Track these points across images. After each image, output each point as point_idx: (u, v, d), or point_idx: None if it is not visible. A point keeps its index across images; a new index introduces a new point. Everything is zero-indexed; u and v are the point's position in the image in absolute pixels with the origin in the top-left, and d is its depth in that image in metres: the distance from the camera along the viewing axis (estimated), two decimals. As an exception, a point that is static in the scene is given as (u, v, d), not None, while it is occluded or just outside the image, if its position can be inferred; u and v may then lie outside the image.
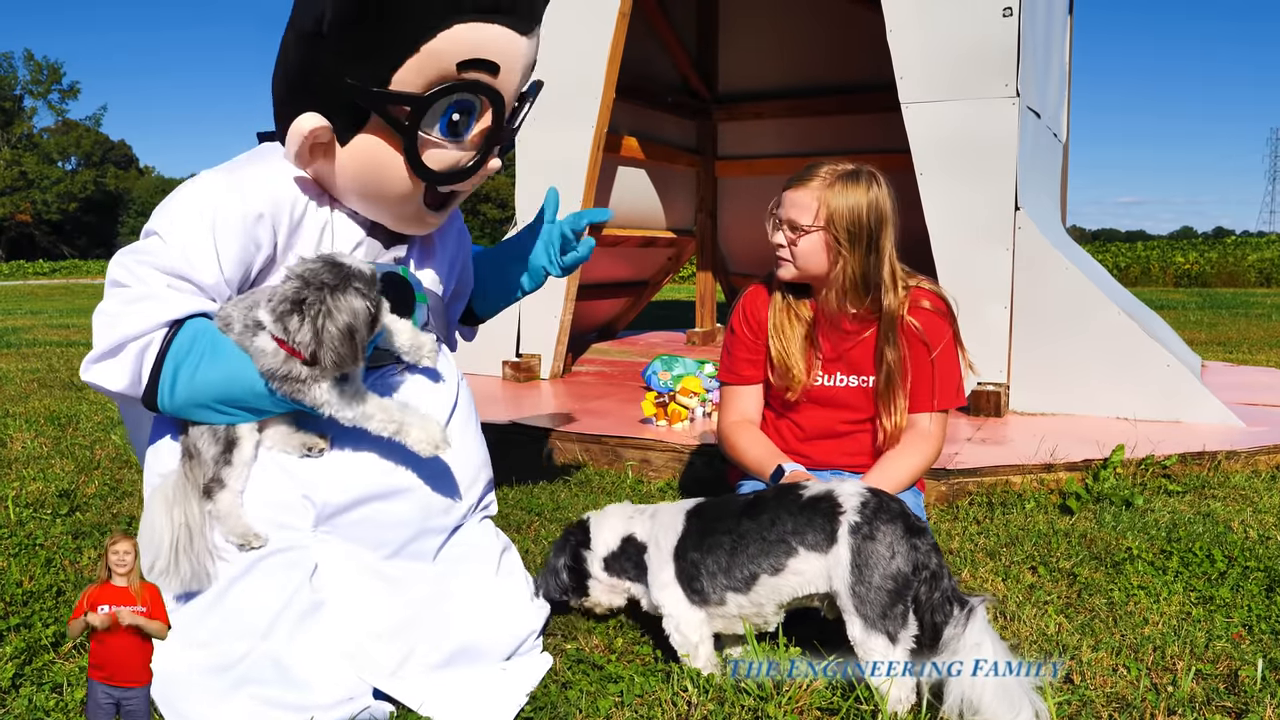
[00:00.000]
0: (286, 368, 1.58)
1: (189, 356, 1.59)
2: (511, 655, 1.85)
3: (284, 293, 1.57)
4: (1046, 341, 4.08)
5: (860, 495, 1.75)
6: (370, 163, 1.71)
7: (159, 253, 1.61)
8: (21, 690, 1.83)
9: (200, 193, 1.66)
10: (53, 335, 9.55)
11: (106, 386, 1.60)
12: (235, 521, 1.65)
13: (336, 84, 1.64)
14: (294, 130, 1.66)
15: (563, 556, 2.06)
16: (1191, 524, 2.77)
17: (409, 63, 1.62)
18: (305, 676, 1.64)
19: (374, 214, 1.81)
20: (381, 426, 1.64)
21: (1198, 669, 1.85)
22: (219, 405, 1.63)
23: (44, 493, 3.22)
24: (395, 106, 1.64)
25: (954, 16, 4.04)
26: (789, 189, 2.24)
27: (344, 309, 1.54)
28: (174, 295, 1.60)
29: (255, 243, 1.67)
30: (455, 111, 1.68)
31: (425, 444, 1.65)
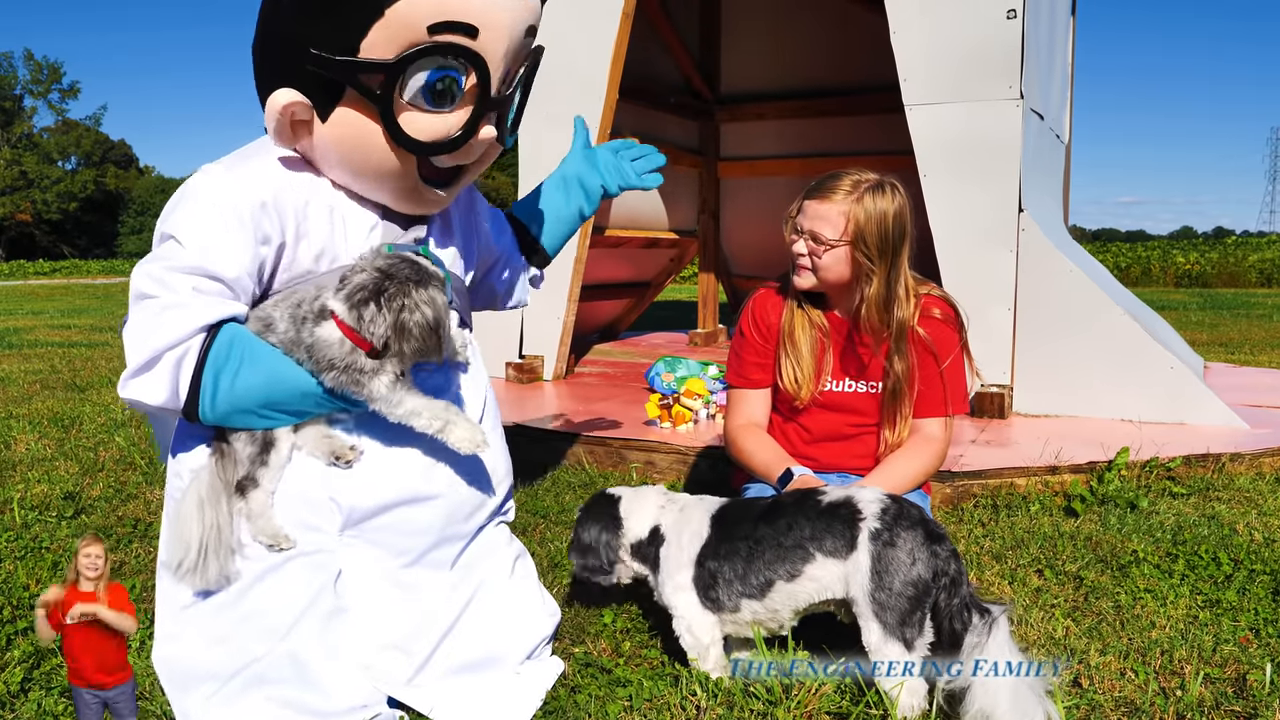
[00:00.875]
0: (351, 358, 1.56)
1: (228, 363, 1.56)
2: (524, 661, 1.85)
3: (361, 282, 1.56)
4: (1050, 343, 4.08)
5: (880, 501, 1.74)
6: (352, 137, 1.63)
7: (178, 255, 1.57)
8: (30, 695, 1.83)
9: (206, 187, 1.62)
10: (54, 336, 9.54)
11: (146, 401, 1.56)
12: (266, 522, 1.64)
13: (303, 55, 1.57)
14: (269, 108, 1.60)
15: (602, 538, 2.00)
16: (1197, 527, 2.77)
17: (376, 28, 1.54)
18: (322, 680, 1.64)
19: (371, 193, 1.73)
20: (427, 424, 1.62)
21: (1206, 673, 1.85)
22: (262, 410, 1.61)
23: (49, 495, 3.22)
24: (367, 76, 1.56)
25: (957, 18, 4.04)
26: (812, 199, 2.20)
27: (428, 302, 1.54)
28: (202, 300, 1.57)
29: (263, 232, 1.63)
30: (437, 79, 1.59)
31: (467, 443, 1.63)
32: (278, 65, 1.64)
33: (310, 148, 1.68)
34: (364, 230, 1.75)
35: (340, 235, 1.72)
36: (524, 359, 5.18)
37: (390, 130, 1.60)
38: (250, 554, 1.66)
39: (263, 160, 1.68)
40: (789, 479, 2.18)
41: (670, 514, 1.98)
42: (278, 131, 1.64)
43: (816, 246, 2.19)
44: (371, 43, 1.55)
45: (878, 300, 2.18)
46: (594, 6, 4.82)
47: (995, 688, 1.55)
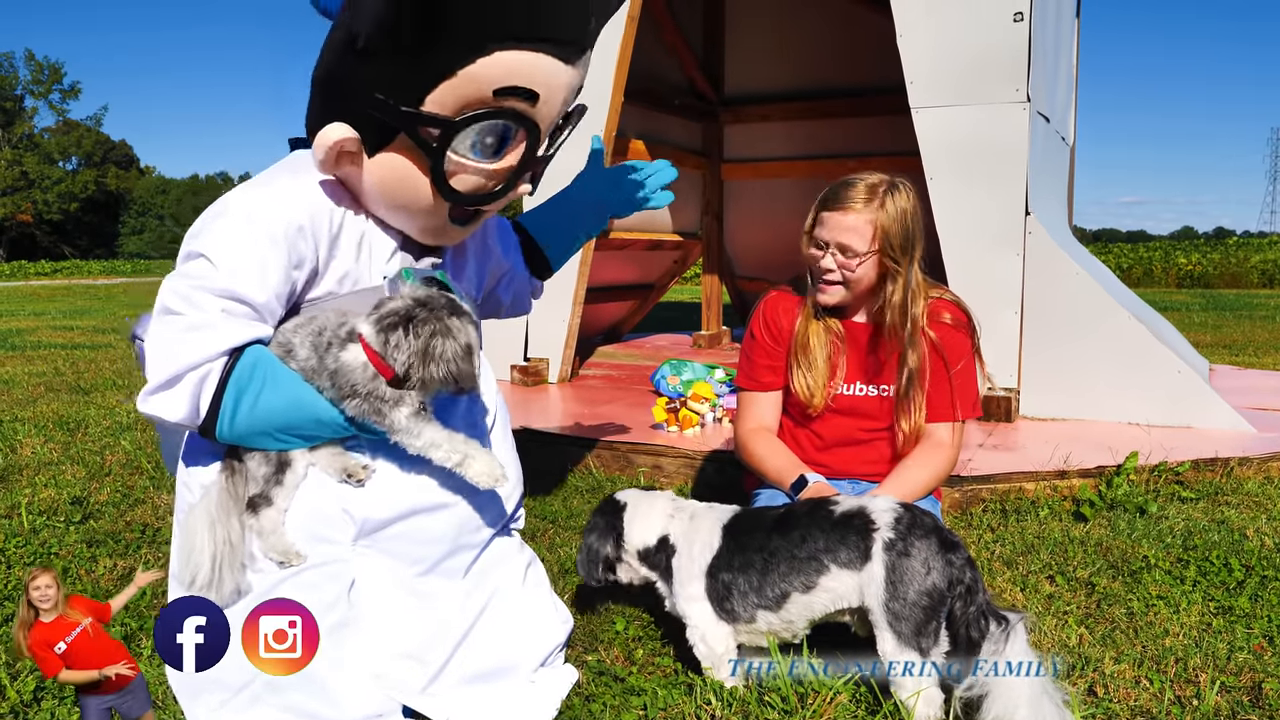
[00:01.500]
0: (373, 385, 1.57)
1: (250, 385, 1.57)
2: (538, 669, 1.85)
3: (393, 308, 1.57)
4: (1057, 346, 4.08)
5: (894, 511, 1.74)
6: (396, 179, 1.67)
7: (208, 275, 1.57)
8: (43, 704, 1.83)
9: (241, 209, 1.63)
10: (57, 337, 9.54)
11: (165, 418, 1.57)
12: (278, 539, 1.65)
13: (368, 98, 1.61)
14: (320, 138, 1.63)
15: (605, 546, 2.02)
16: (1207, 532, 2.77)
17: (444, 86, 1.58)
18: (336, 691, 1.63)
19: (399, 224, 1.78)
20: (446, 457, 1.63)
21: (1221, 682, 1.85)
22: (277, 433, 1.62)
23: (56, 500, 3.22)
24: (424, 128, 1.61)
25: (964, 21, 4.04)
26: (833, 211, 2.17)
27: (462, 329, 1.57)
28: (229, 322, 1.58)
29: (298, 255, 1.64)
30: (489, 136, 1.64)
31: (486, 477, 1.64)
32: (338, 100, 1.66)
33: (351, 176, 1.71)
34: (385, 253, 1.78)
35: (365, 260, 1.75)
36: (529, 362, 5.18)
37: (437, 182, 1.65)
38: (263, 566, 1.66)
39: (303, 181, 1.70)
40: (803, 485, 2.17)
41: (679, 523, 1.97)
42: (323, 162, 1.66)
43: (848, 260, 2.16)
44: (436, 97, 1.59)
45: (901, 302, 2.18)
46: (599, 9, 4.81)
47: (1013, 697, 1.54)
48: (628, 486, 3.40)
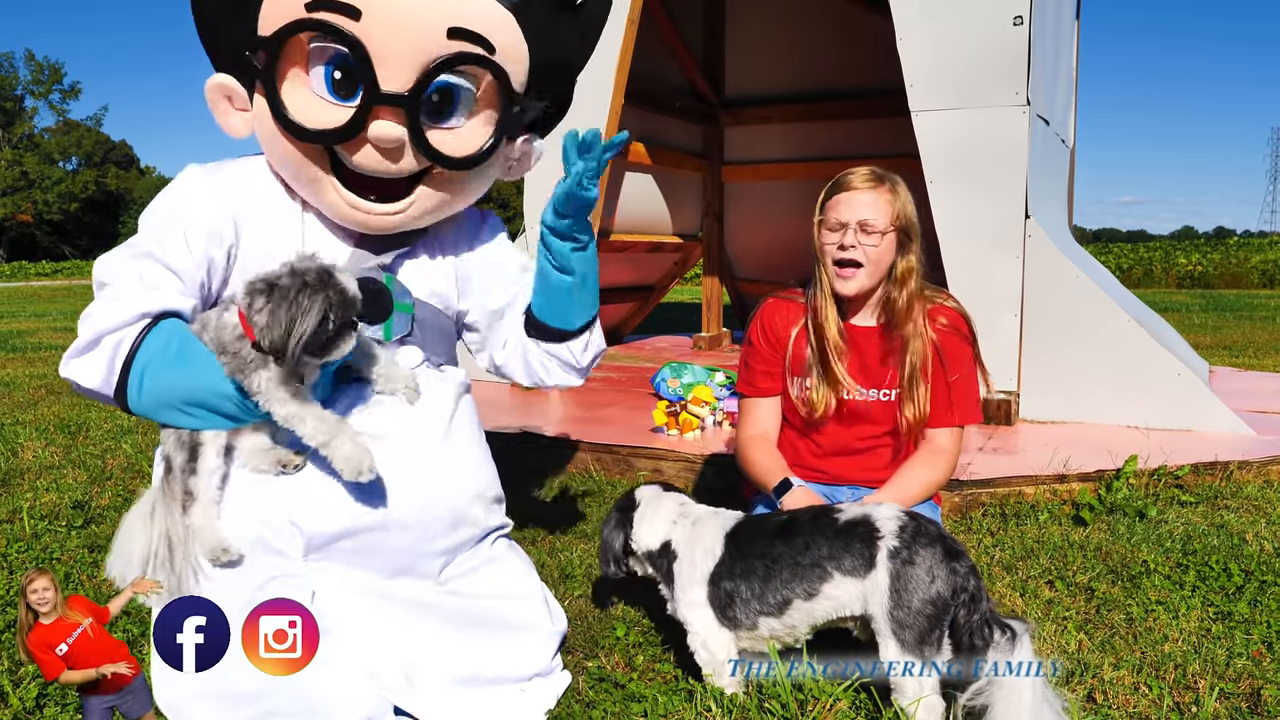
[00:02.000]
0: (238, 345, 1.58)
1: (162, 355, 1.58)
2: (531, 676, 1.85)
3: (265, 273, 1.58)
4: (1057, 349, 4.08)
5: (898, 519, 1.74)
6: (263, 125, 1.66)
7: (135, 242, 1.65)
8: (45, 711, 1.83)
9: (175, 182, 1.72)
10: (57, 339, 9.54)
11: (81, 382, 1.60)
12: (207, 534, 1.64)
13: (216, 35, 1.63)
14: (205, 91, 1.66)
15: (616, 541, 2.03)
16: (1206, 536, 2.77)
17: (266, 3, 1.59)
18: (327, 702, 1.63)
19: (309, 198, 1.75)
20: (312, 433, 1.59)
21: (1220, 688, 1.85)
22: (185, 407, 1.62)
23: (58, 504, 3.22)
24: (253, 53, 1.59)
25: (964, 24, 4.04)
26: (845, 191, 2.18)
27: (301, 307, 1.52)
28: (147, 290, 1.62)
29: (218, 231, 1.68)
30: (335, 68, 1.60)
31: (348, 466, 1.59)
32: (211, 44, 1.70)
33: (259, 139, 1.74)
34: (332, 254, 1.74)
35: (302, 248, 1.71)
36: (529, 364, 5.17)
37: (273, 108, 1.61)
38: (214, 574, 1.65)
39: (244, 166, 1.75)
40: (786, 488, 2.19)
41: (682, 529, 1.97)
42: (217, 115, 1.70)
43: (868, 237, 2.16)
44: (264, 18, 1.60)
45: (916, 283, 2.21)
46: (600, 12, 4.82)
47: (1015, 707, 1.55)
48: (630, 489, 3.40)
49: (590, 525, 3.01)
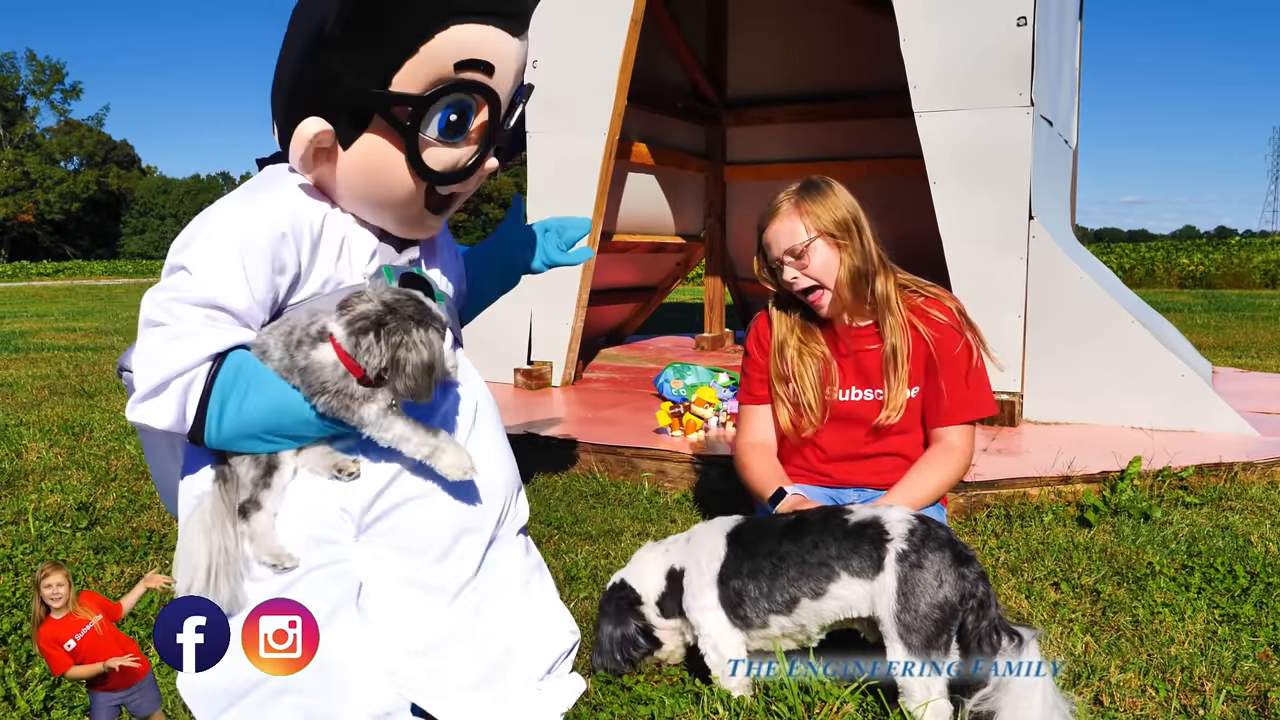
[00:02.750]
0: (343, 383, 1.60)
1: (234, 389, 1.60)
2: (544, 676, 1.86)
3: (365, 311, 1.59)
4: (1060, 350, 4.08)
5: (908, 522, 1.75)
6: (373, 165, 1.73)
7: (189, 287, 1.62)
8: (53, 713, 1.84)
9: (222, 221, 1.67)
10: (60, 339, 9.55)
11: (153, 425, 1.61)
12: (270, 542, 1.66)
13: (338, 87, 1.67)
14: (298, 135, 1.68)
15: (626, 625, 1.97)
16: (1211, 538, 2.77)
17: (408, 64, 1.65)
18: (345, 689, 1.64)
19: (377, 218, 1.83)
20: (415, 449, 1.66)
21: (1227, 691, 1.85)
22: (265, 435, 1.65)
23: (62, 505, 3.23)
24: (397, 107, 1.67)
25: (967, 25, 4.04)
26: (764, 229, 2.27)
27: (427, 343, 1.59)
28: (212, 329, 1.61)
29: (280, 263, 1.68)
30: (453, 112, 1.71)
31: (454, 469, 1.68)
32: (303, 101, 1.71)
33: (326, 175, 1.76)
34: (365, 253, 1.83)
35: (345, 261, 1.79)
36: (532, 365, 5.18)
37: (413, 161, 1.71)
38: (261, 574, 1.67)
39: (281, 190, 1.76)
40: (780, 497, 2.19)
41: (677, 550, 1.99)
42: (302, 159, 1.71)
43: (801, 262, 2.22)
44: (402, 77, 1.66)
45: (851, 276, 2.22)
46: (603, 13, 4.83)
47: (1025, 709, 1.55)
48: (632, 492, 3.41)
49: (595, 527, 3.01)
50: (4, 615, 2.28)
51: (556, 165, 5.06)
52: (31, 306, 15.69)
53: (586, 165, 4.96)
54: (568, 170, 5.02)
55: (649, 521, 3.09)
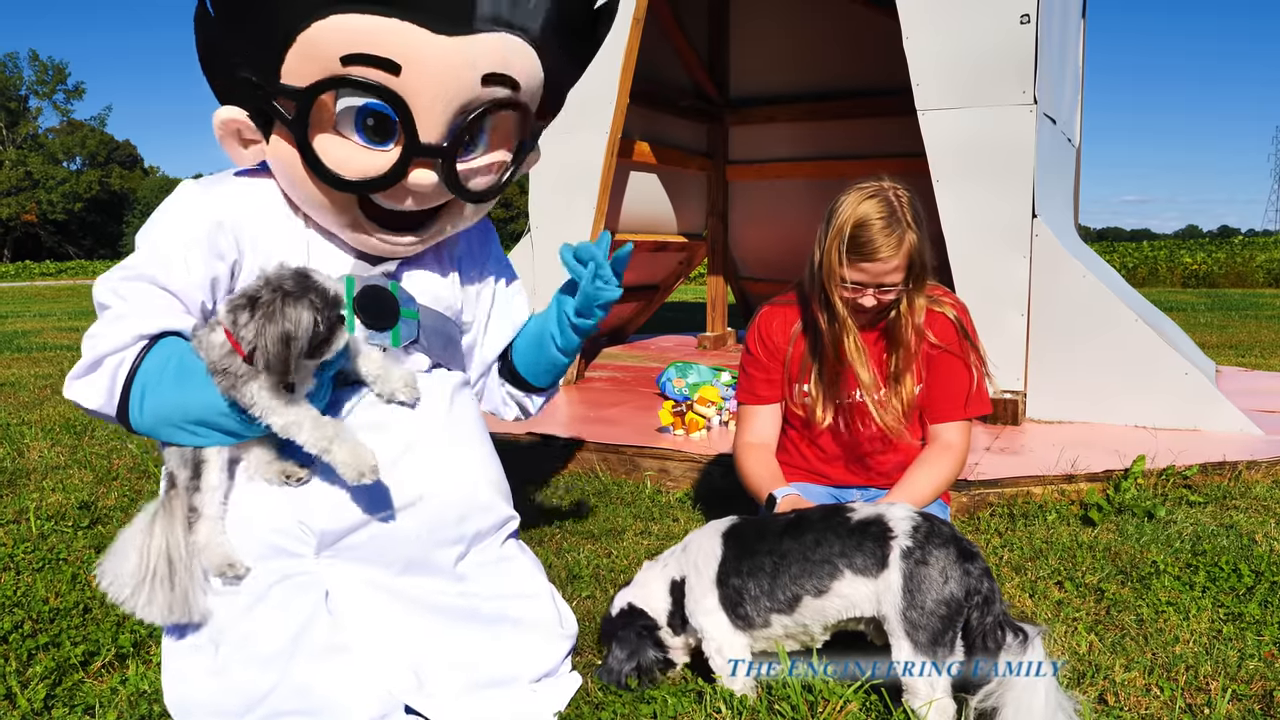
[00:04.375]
0: (228, 361, 1.57)
1: (160, 375, 1.59)
2: (541, 676, 1.85)
3: (244, 288, 1.58)
4: (1064, 349, 4.07)
5: (911, 519, 1.74)
6: (285, 162, 1.64)
7: (134, 263, 1.64)
8: (54, 712, 1.83)
9: (172, 200, 1.70)
10: (62, 339, 9.56)
11: (84, 403, 1.61)
12: (213, 551, 1.63)
13: (233, 77, 1.60)
14: (213, 121, 1.63)
15: (644, 654, 1.92)
16: (1215, 536, 2.76)
17: (291, 53, 1.53)
18: (335, 702, 1.63)
19: (321, 221, 1.73)
20: (311, 440, 1.58)
21: (1232, 690, 1.84)
22: (187, 425, 1.61)
23: (64, 504, 3.23)
24: (283, 101, 1.56)
25: (971, 23, 4.03)
26: (869, 262, 2.08)
27: (289, 317, 1.51)
28: (147, 311, 1.61)
29: (218, 250, 1.67)
30: (368, 113, 1.57)
31: (350, 468, 1.57)
32: (219, 81, 1.67)
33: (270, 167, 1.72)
34: (337, 263, 1.76)
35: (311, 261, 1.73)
36: (534, 364, 5.16)
37: (305, 158, 1.60)
38: (222, 589, 1.65)
39: (239, 182, 1.74)
40: (773, 504, 2.17)
41: (674, 562, 1.98)
42: (225, 146, 1.68)
43: (884, 293, 2.15)
44: (290, 68, 1.55)
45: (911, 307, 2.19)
46: (605, 12, 4.81)
47: (1028, 708, 1.54)
48: (635, 491, 3.40)
49: (597, 525, 3.00)
50: (5, 614, 2.27)
51: (558, 164, 5.04)
52: (34, 306, 15.70)
53: (589, 164, 4.95)
54: (570, 169, 5.01)
55: (651, 520, 3.08)
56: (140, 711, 1.84)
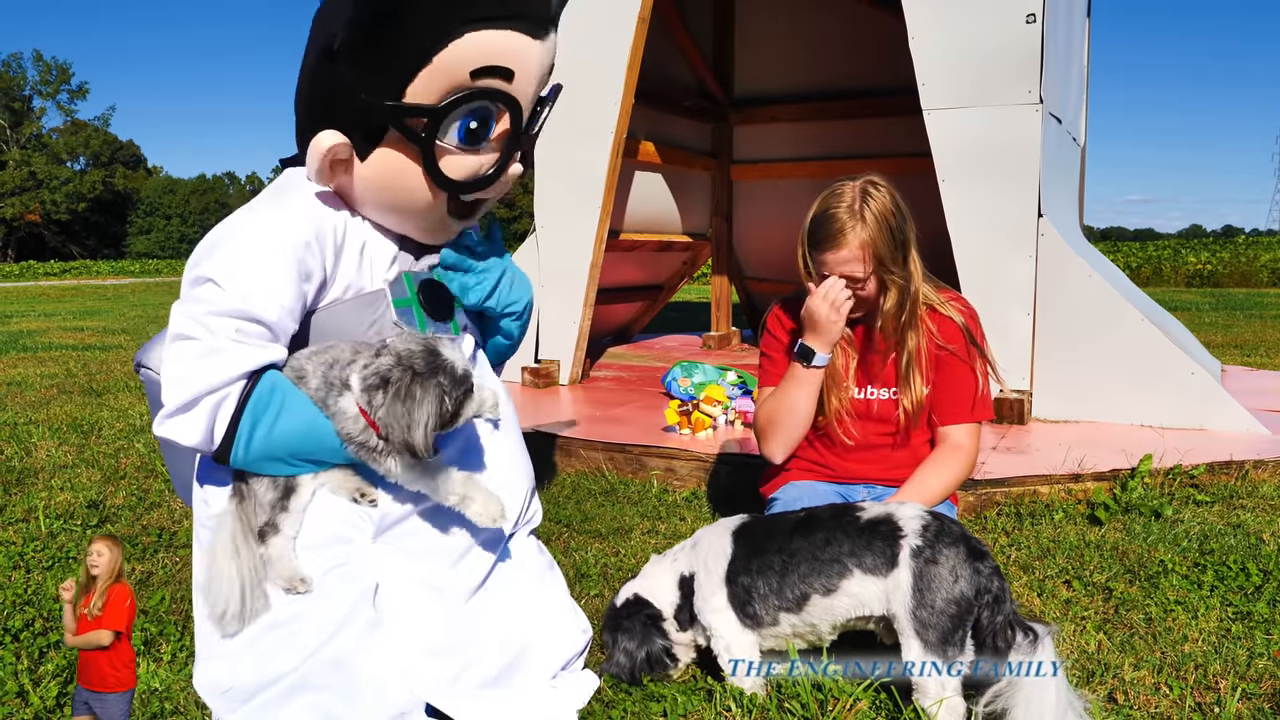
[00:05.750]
0: (365, 436, 1.61)
1: (267, 410, 1.59)
2: (558, 674, 1.86)
3: (377, 367, 1.59)
4: (1069, 348, 4.07)
5: (921, 519, 1.74)
6: (390, 176, 1.71)
7: (218, 299, 1.59)
8: (66, 710, 1.84)
9: (246, 231, 1.66)
10: (68, 339, 9.58)
11: (181, 441, 1.59)
12: (284, 565, 1.66)
13: (352, 100, 1.65)
14: (313, 149, 1.67)
15: (651, 644, 1.93)
16: (1223, 536, 2.76)
17: (422, 74, 1.62)
18: (361, 689, 1.64)
19: (400, 226, 1.81)
20: (444, 498, 1.67)
21: (1242, 689, 1.85)
22: (290, 459, 1.64)
23: (73, 503, 3.24)
24: (411, 119, 1.64)
25: (976, 23, 4.03)
26: (826, 252, 2.16)
27: (418, 403, 1.56)
28: (244, 345, 1.60)
29: (306, 271, 1.66)
30: (472, 120, 1.67)
31: (484, 518, 1.68)
32: (323, 109, 1.70)
33: (346, 185, 1.74)
34: (386, 260, 1.81)
35: (367, 268, 1.78)
36: (540, 364, 5.18)
37: (430, 171, 1.68)
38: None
39: (302, 198, 1.74)
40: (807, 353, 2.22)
41: (684, 558, 1.98)
42: (319, 171, 1.69)
43: (855, 283, 2.18)
44: (417, 88, 1.63)
45: (896, 309, 2.20)
46: (610, 12, 4.82)
47: (1038, 707, 1.54)
48: (641, 490, 3.41)
49: (604, 525, 3.01)
50: (16, 612, 2.28)
51: (563, 164, 5.06)
52: (39, 306, 15.73)
53: (593, 164, 4.96)
54: (575, 169, 5.02)
55: (658, 519, 3.09)
56: (151, 709, 1.85)
